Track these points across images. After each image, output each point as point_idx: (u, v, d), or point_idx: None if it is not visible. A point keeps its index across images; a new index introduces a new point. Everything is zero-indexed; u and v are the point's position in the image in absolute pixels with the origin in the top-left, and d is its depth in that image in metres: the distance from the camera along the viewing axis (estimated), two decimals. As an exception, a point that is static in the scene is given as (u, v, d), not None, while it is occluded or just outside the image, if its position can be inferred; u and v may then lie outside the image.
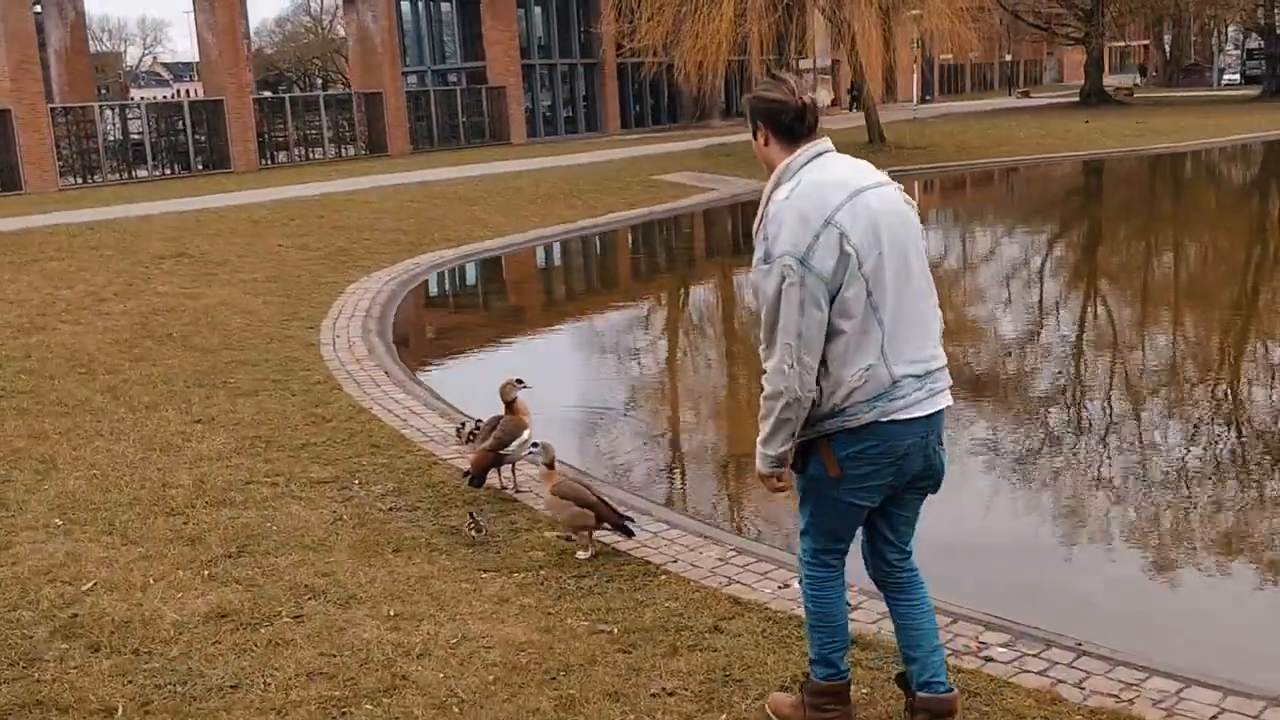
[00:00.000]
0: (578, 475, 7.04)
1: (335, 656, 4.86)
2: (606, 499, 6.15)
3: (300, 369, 10.59)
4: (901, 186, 3.86)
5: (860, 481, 3.83)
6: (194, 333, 12.07)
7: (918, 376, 3.74)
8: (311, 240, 18.04)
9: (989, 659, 4.81)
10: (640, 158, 31.56)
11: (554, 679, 4.66)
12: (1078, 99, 52.62)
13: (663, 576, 5.79)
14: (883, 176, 3.83)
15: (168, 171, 33.32)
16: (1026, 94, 67.38)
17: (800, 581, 4.17)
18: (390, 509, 6.88)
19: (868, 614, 5.21)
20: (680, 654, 4.88)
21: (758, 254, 3.69)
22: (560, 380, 11.16)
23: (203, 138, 34.09)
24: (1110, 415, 9.53)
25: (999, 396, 10.24)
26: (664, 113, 51.26)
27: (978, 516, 7.25)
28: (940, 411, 3.85)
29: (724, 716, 4.35)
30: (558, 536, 6.22)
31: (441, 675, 4.68)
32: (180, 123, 33.74)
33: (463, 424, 8.31)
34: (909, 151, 30.48)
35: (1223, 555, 6.70)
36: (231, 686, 4.59)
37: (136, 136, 32.85)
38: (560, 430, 8.69)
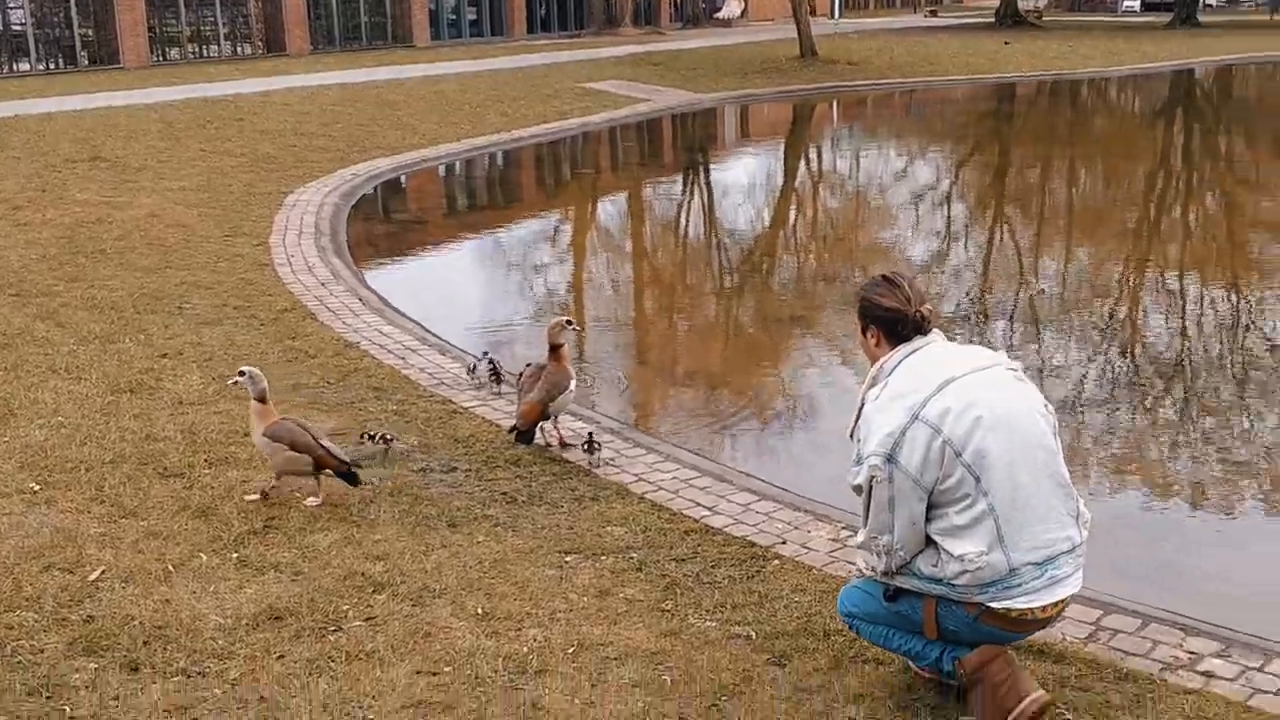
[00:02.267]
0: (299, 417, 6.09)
1: (437, 676, 3.97)
2: (326, 443, 5.35)
3: (260, 294, 9.49)
4: (1018, 367, 3.70)
5: (954, 641, 3.68)
6: (129, 249, 10.82)
7: (1037, 564, 3.49)
8: (234, 146, 16.64)
9: (1210, 674, 4.12)
10: (561, 64, 30.23)
11: (715, 706, 3.84)
12: (993, 20, 52.20)
13: (775, 562, 4.99)
14: (993, 359, 3.66)
15: (52, 66, 30.94)
16: (934, 13, 66.82)
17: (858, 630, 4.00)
18: (422, 470, 5.95)
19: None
20: (846, 668, 4.09)
21: (852, 457, 3.61)
22: (545, 295, 10.22)
23: (89, 31, 31.71)
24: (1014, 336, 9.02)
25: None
26: (571, 18, 49.61)
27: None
28: (1061, 601, 3.59)
29: (945, 759, 3.57)
30: (271, 487, 5.46)
31: (578, 703, 3.83)
32: (65, 13, 31.29)
33: (474, 365, 7.37)
34: (842, 68, 29.65)
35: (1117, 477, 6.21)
36: (325, 724, 3.66)
37: (18, 28, 30.38)
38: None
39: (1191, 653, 4.28)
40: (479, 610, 4.45)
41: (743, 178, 18.49)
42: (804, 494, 5.79)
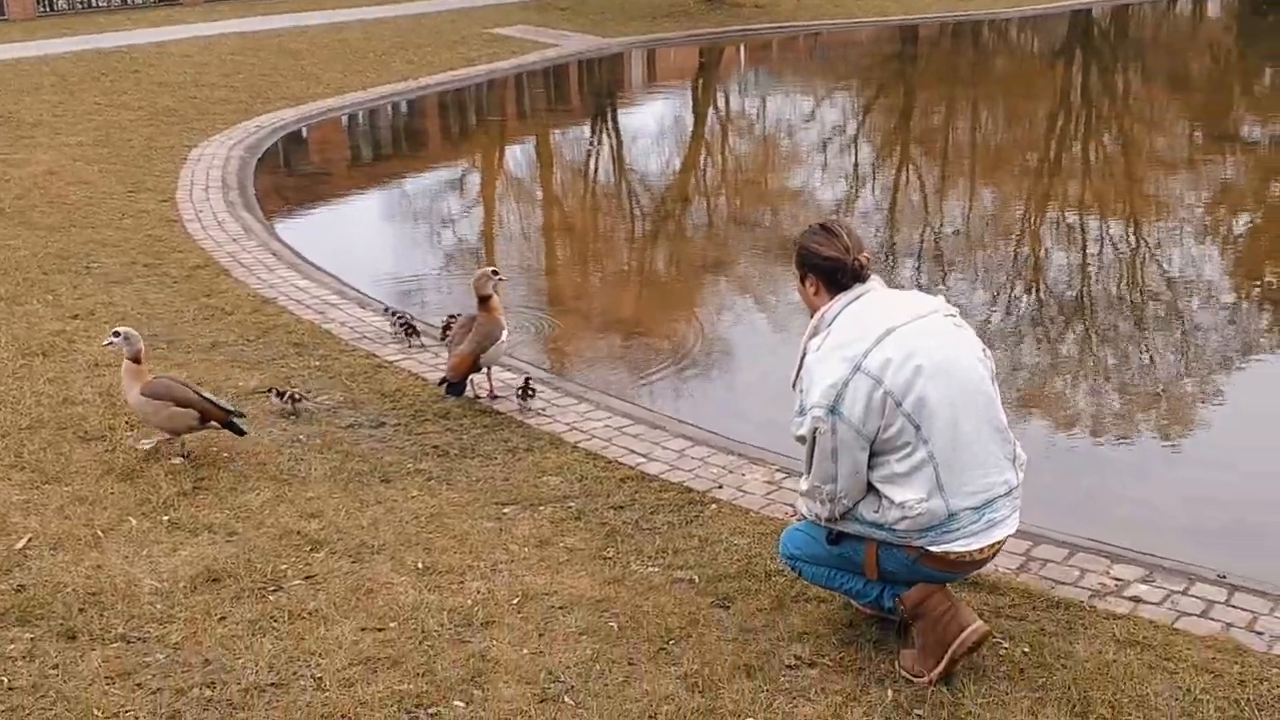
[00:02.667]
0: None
1: (382, 631, 3.95)
2: (208, 394, 5.32)
3: (171, 251, 9.26)
4: (955, 312, 3.72)
5: (892, 581, 3.74)
6: (29, 207, 10.47)
7: (975, 508, 3.54)
8: (132, 99, 16.13)
9: (1137, 599, 4.25)
10: (467, 10, 29.67)
11: (664, 650, 3.88)
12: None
13: (712, 506, 5.03)
14: (931, 305, 3.66)
15: (-70, 16, 29.64)
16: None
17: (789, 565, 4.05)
18: (350, 425, 5.88)
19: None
20: (788, 608, 4.15)
21: (795, 407, 3.61)
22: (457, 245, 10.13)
23: (-31, -22, 30.38)
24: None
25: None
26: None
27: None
28: (998, 542, 3.65)
29: (890, 691, 3.65)
30: (146, 447, 5.42)
31: (527, 653, 3.83)
32: (-58, -40, 29.95)
33: (399, 316, 7.29)
34: (749, 11, 29.50)
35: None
36: (273, 685, 3.63)
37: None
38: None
39: (1118, 579, 4.41)
40: (419, 565, 4.43)
41: (654, 123, 18.41)
42: (737, 438, 5.83)
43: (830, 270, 3.66)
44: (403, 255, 10.39)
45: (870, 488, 3.58)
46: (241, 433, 5.36)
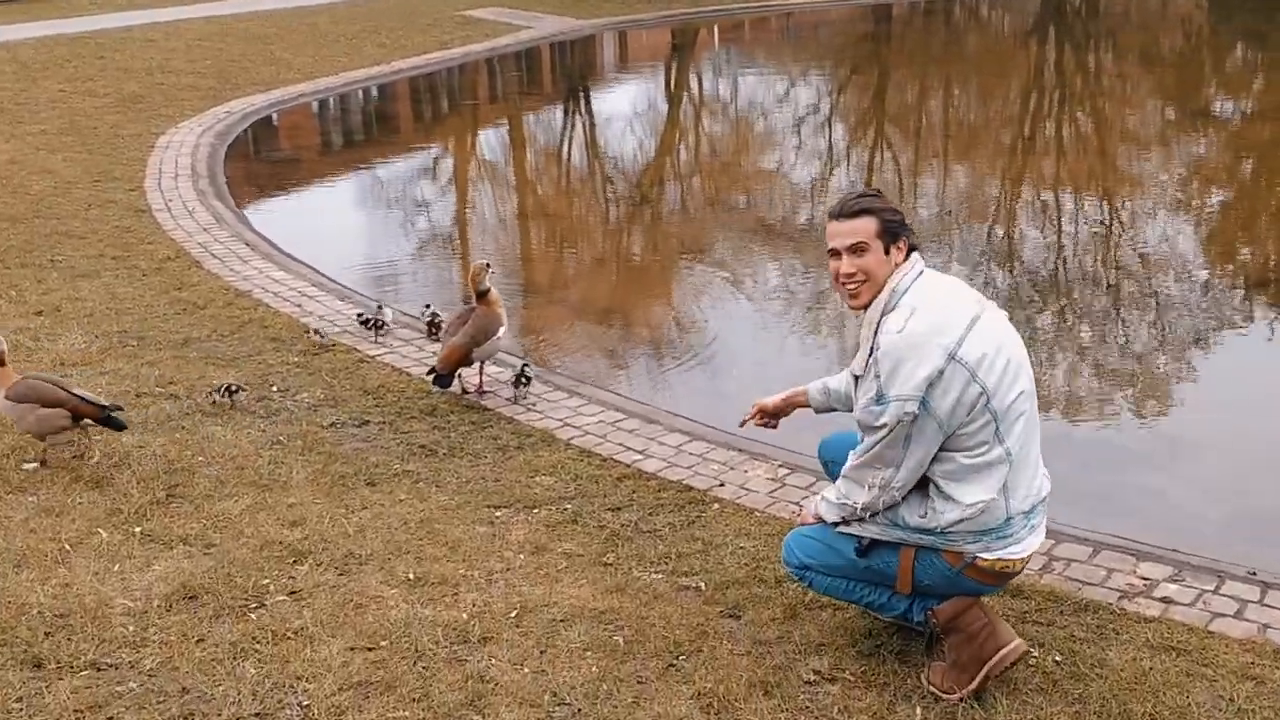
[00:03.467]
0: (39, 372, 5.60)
1: (373, 651, 3.69)
2: (79, 391, 4.94)
3: (140, 242, 8.95)
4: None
5: (926, 594, 3.47)
6: (-9, 199, 10.12)
7: (1026, 513, 3.33)
8: (98, 85, 15.74)
9: (1168, 600, 4.03)
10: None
11: (673, 666, 3.64)
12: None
13: (715, 506, 4.79)
14: (979, 294, 3.40)
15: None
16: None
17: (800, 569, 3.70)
18: (333, 425, 5.62)
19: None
20: (802, 617, 3.92)
21: (867, 392, 3.24)
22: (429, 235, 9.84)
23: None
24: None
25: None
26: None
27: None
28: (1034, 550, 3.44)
29: (919, 708, 3.42)
30: (29, 468, 5.02)
31: (529, 672, 3.59)
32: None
33: (375, 310, 7.02)
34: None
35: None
36: (257, 716, 3.37)
37: None
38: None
39: (1146, 579, 4.20)
40: (410, 575, 4.18)
41: (630, 106, 18.13)
42: (736, 432, 5.57)
43: (909, 234, 3.35)
44: (379, 243, 10.11)
45: (919, 486, 3.31)
46: (121, 427, 5.00)
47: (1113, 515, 4.92)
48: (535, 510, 4.73)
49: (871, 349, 3.24)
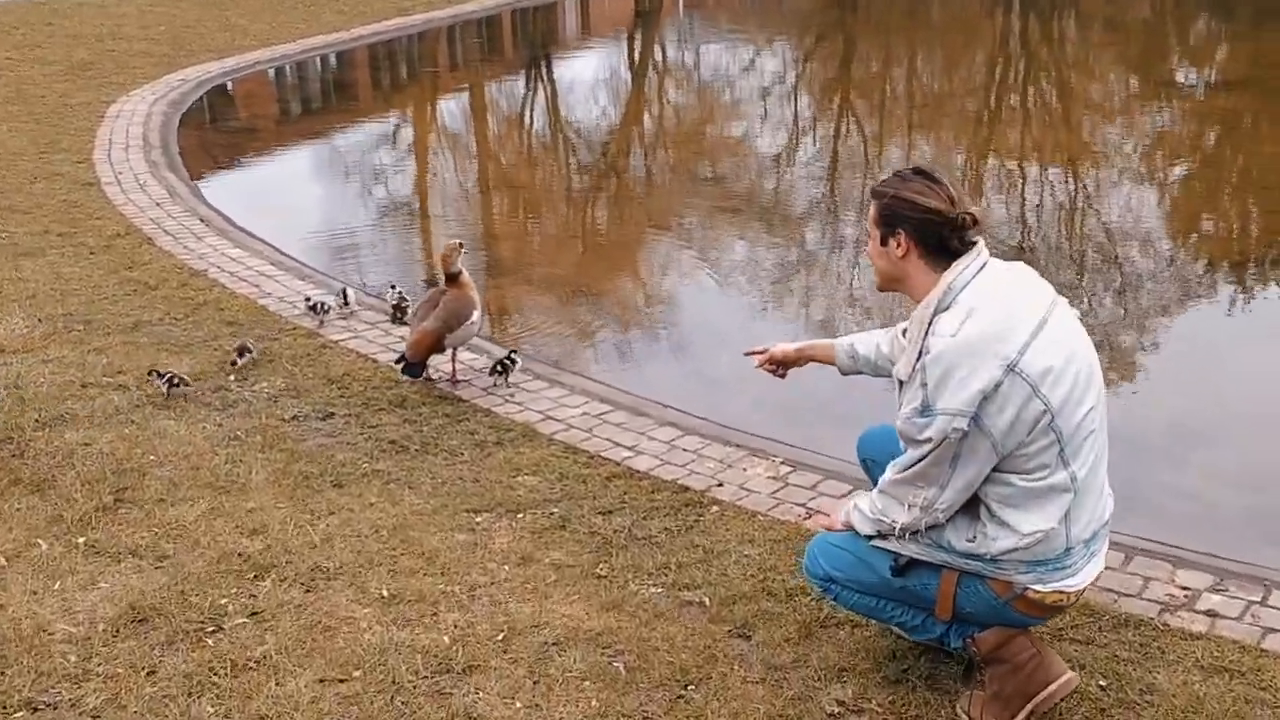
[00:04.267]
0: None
1: (346, 683, 3.31)
2: None
3: (88, 218, 8.47)
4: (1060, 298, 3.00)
5: (966, 622, 3.10)
6: (-71, 171, 9.58)
7: (1086, 541, 2.95)
8: (47, 52, 15.13)
9: (1214, 614, 3.70)
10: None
11: (682, 698, 3.27)
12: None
13: (714, 508, 4.42)
14: (1050, 287, 2.98)
15: None
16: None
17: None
18: (295, 418, 5.20)
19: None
20: (817, 637, 3.56)
21: (911, 401, 2.83)
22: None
23: None
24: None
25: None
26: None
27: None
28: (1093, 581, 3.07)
29: (956, 747, 3.07)
30: None
31: (521, 707, 3.21)
32: None
33: (338, 293, 6.59)
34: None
35: None
36: (217, 762, 2.98)
37: None
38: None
39: (1186, 589, 3.87)
40: (384, 592, 3.79)
41: (591, 73, 17.64)
42: (731, 424, 5.23)
43: (930, 226, 2.86)
44: (340, 217, 9.59)
45: (967, 508, 2.94)
46: None
47: (1138, 515, 4.57)
48: (519, 515, 4.35)
49: (920, 352, 2.82)
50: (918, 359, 2.83)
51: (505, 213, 10.26)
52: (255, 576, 3.87)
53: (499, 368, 5.56)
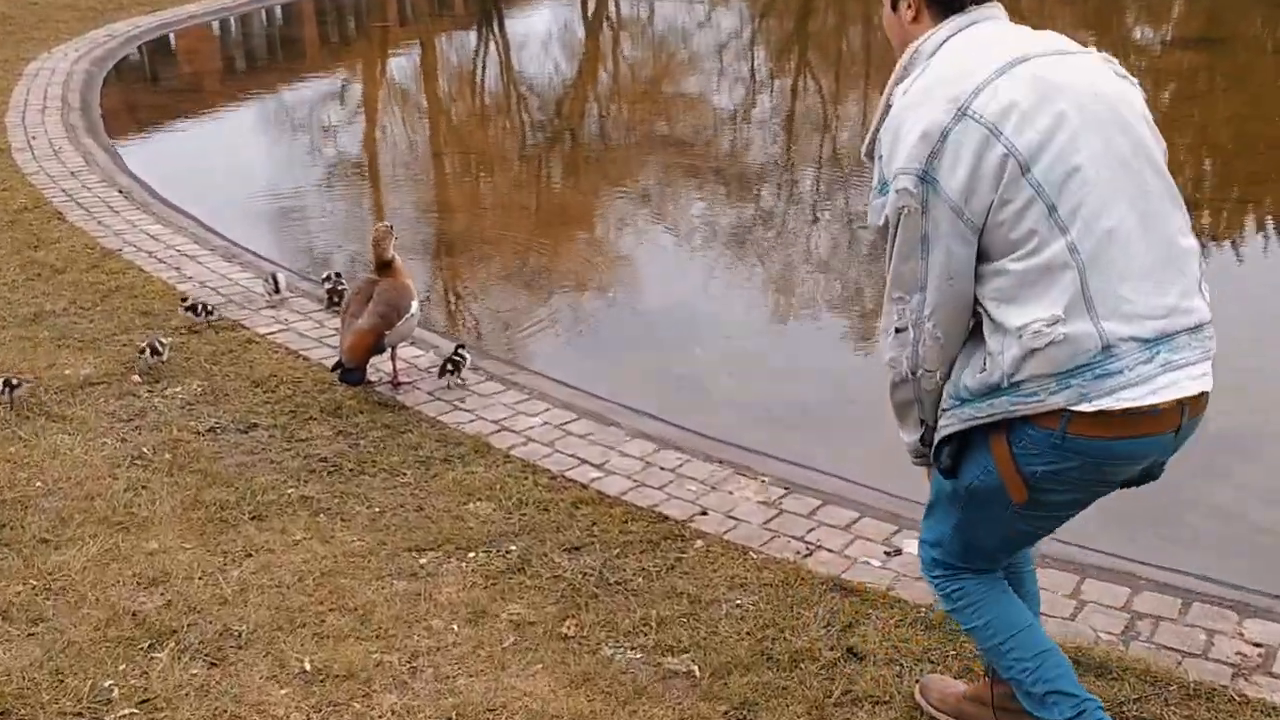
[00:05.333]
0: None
1: (254, 800, 2.64)
2: None
3: (-8, 188, 7.67)
4: (1110, 56, 2.45)
5: (1052, 510, 2.49)
6: None
7: (1145, 341, 2.27)
8: (-41, 4, 14.12)
9: (1297, 682, 3.12)
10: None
11: (673, 813, 2.64)
12: None
13: (698, 543, 3.79)
14: (1075, 45, 2.44)
15: None
16: None
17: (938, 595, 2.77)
18: (212, 430, 4.52)
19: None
20: (832, 716, 2.94)
21: (874, 181, 2.44)
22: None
23: None
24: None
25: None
26: None
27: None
28: (1189, 400, 2.33)
29: None
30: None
31: (473, 830, 2.56)
32: None
33: (273, 275, 5.88)
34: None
35: None
36: None
37: None
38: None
39: (1258, 645, 3.30)
40: (307, 665, 3.14)
41: (547, 27, 16.84)
42: (713, 434, 4.59)
43: None
44: (280, 187, 8.81)
45: (972, 331, 2.41)
46: None
47: (1180, 546, 4.00)
48: (470, 554, 3.70)
49: (876, 127, 2.44)
50: (873, 133, 2.45)
51: (456, 179, 9.52)
52: (150, 646, 3.20)
53: (450, 366, 4.90)
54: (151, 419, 4.60)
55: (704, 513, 3.96)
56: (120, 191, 7.68)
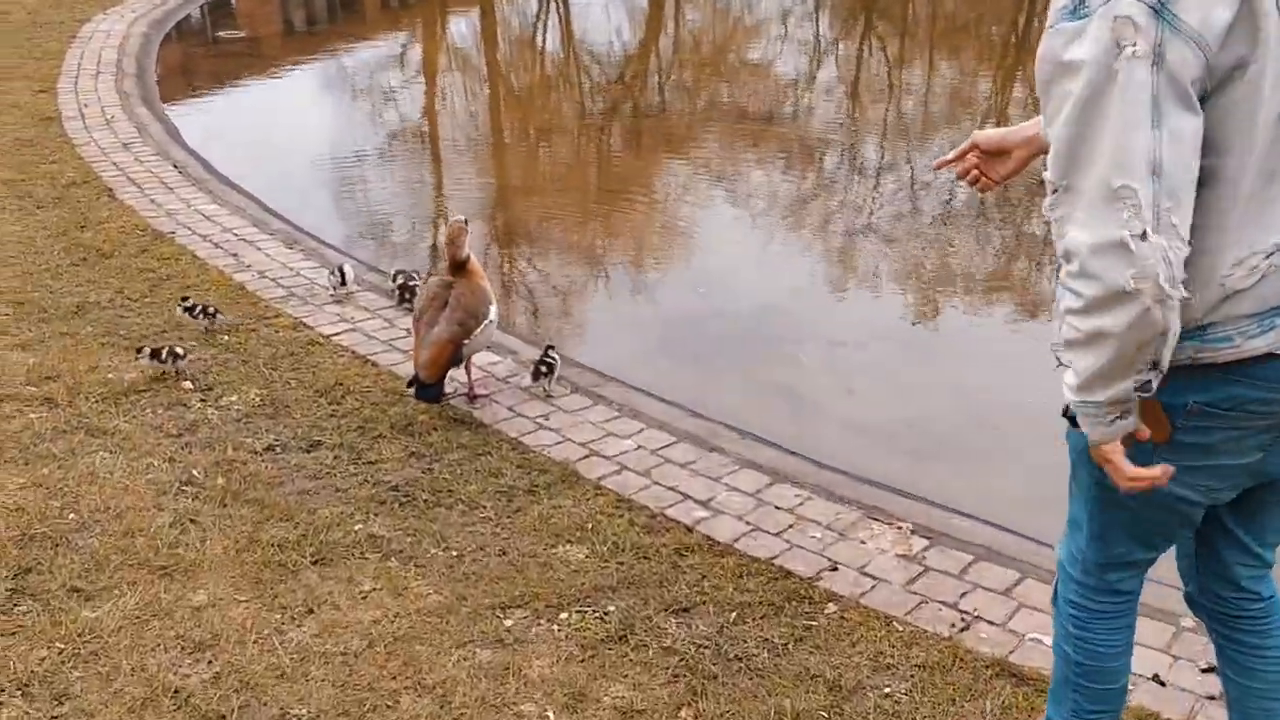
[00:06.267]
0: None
1: None
2: None
3: (41, 161, 7.25)
4: None
5: (1206, 457, 1.94)
6: None
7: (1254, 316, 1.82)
8: (17, -38, 13.70)
9: None
10: None
11: None
12: None
13: (829, 608, 3.23)
14: None
15: None
16: None
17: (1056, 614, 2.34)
18: (271, 449, 4.03)
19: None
20: None
21: (1058, 3, 1.76)
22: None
23: None
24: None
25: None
26: None
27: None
28: None
29: None
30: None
31: None
32: None
33: (339, 267, 5.38)
34: None
35: None
36: None
37: None
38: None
39: None
40: (379, 765, 2.62)
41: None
42: (835, 463, 4.02)
43: None
44: (337, 160, 8.28)
45: None
46: None
47: None
48: (562, 614, 3.18)
49: None
50: None
51: (522, 155, 8.96)
52: (194, 729, 2.70)
53: (542, 368, 4.39)
54: (203, 434, 4.11)
55: (833, 568, 3.40)
56: (175, 166, 7.21)
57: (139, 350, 4.44)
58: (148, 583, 3.26)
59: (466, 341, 4.19)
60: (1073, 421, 1.96)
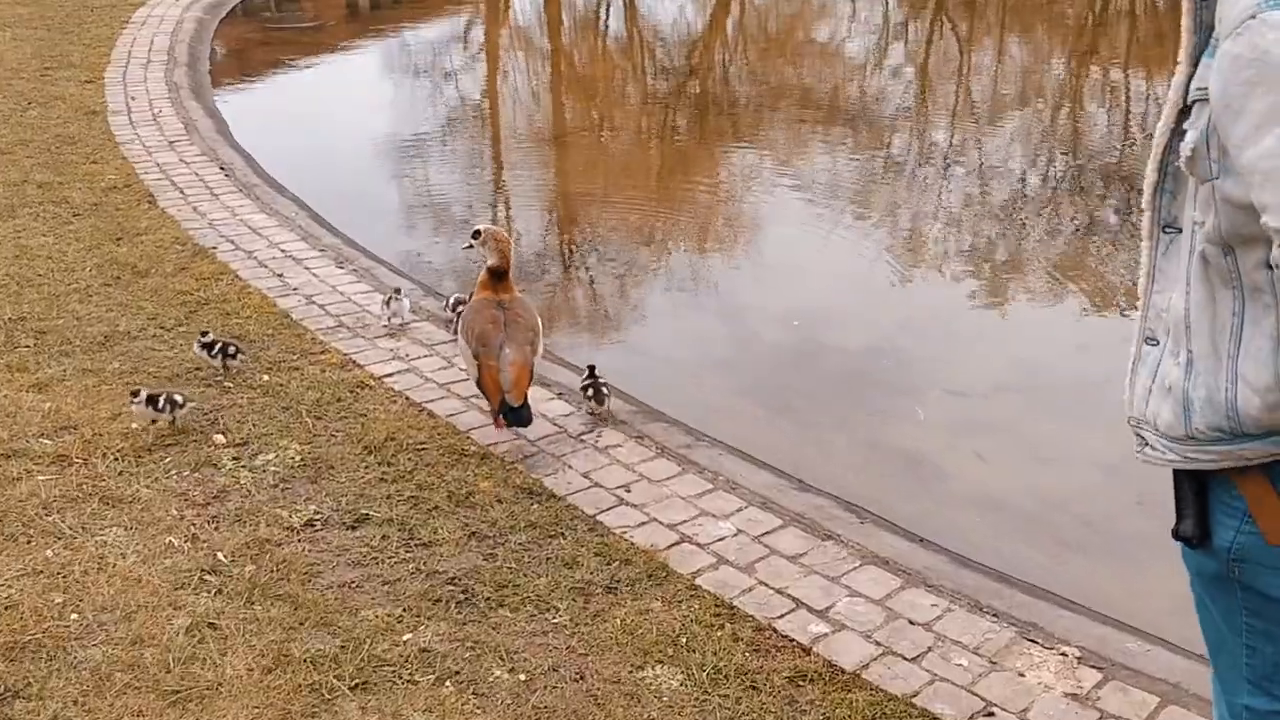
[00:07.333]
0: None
1: None
2: None
3: (81, 161, 6.76)
4: None
5: None
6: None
7: None
8: (73, -59, 13.27)
9: None
10: None
11: None
12: None
13: (983, 761, 2.59)
14: None
15: None
16: None
17: None
18: (310, 525, 3.45)
19: None
20: None
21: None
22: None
23: None
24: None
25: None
26: None
27: None
28: None
29: None
30: None
31: None
32: None
33: (396, 290, 4.82)
34: None
35: None
36: None
37: None
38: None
39: None
40: None
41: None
42: (975, 552, 3.39)
43: None
44: (394, 162, 7.70)
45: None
46: None
47: None
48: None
49: None
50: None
51: (590, 156, 8.32)
52: None
53: (589, 392, 3.85)
54: (234, 504, 3.55)
55: (989, 713, 2.76)
56: (221, 168, 6.69)
57: (134, 394, 3.87)
58: (154, 714, 2.70)
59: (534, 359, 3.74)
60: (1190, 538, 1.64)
